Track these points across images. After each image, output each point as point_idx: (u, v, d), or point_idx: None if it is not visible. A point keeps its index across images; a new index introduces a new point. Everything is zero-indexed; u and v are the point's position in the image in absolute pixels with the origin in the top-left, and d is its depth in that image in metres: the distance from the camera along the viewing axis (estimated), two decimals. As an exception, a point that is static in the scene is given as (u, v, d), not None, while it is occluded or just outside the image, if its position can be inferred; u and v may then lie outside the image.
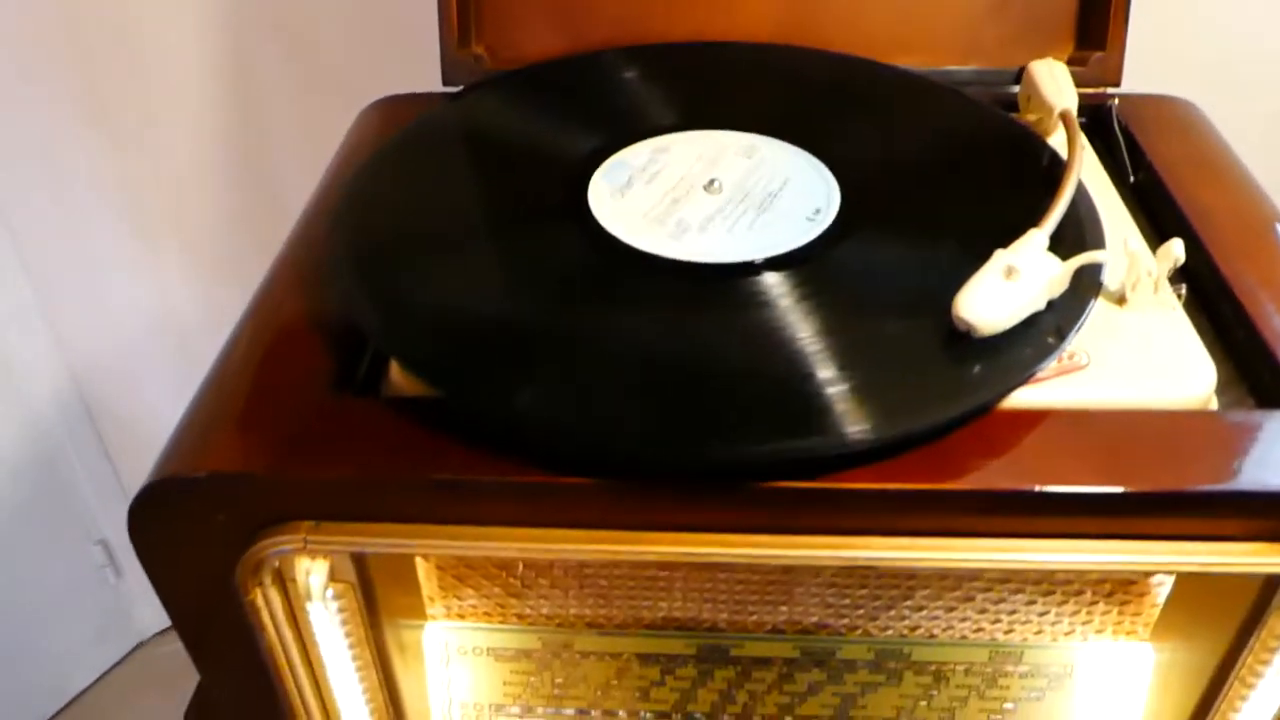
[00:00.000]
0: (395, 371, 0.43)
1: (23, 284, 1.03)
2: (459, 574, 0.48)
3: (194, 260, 1.02)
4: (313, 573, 0.41)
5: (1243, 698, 0.45)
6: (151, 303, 1.05)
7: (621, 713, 0.50)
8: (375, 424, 0.40)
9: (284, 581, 0.41)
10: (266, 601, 0.41)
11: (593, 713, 0.50)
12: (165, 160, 0.96)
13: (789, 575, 0.46)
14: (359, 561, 0.42)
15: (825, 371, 0.40)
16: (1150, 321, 0.45)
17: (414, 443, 0.39)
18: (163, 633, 1.19)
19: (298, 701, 0.45)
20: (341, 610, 0.42)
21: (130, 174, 0.97)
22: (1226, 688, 0.45)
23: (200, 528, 0.40)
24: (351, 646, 0.44)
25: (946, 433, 0.39)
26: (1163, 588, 0.45)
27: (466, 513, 0.39)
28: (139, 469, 0.39)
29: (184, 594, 0.42)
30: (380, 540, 0.39)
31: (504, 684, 0.50)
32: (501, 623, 0.48)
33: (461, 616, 0.49)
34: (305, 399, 0.41)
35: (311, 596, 0.41)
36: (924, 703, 0.49)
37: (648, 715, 0.50)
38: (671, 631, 0.48)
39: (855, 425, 0.38)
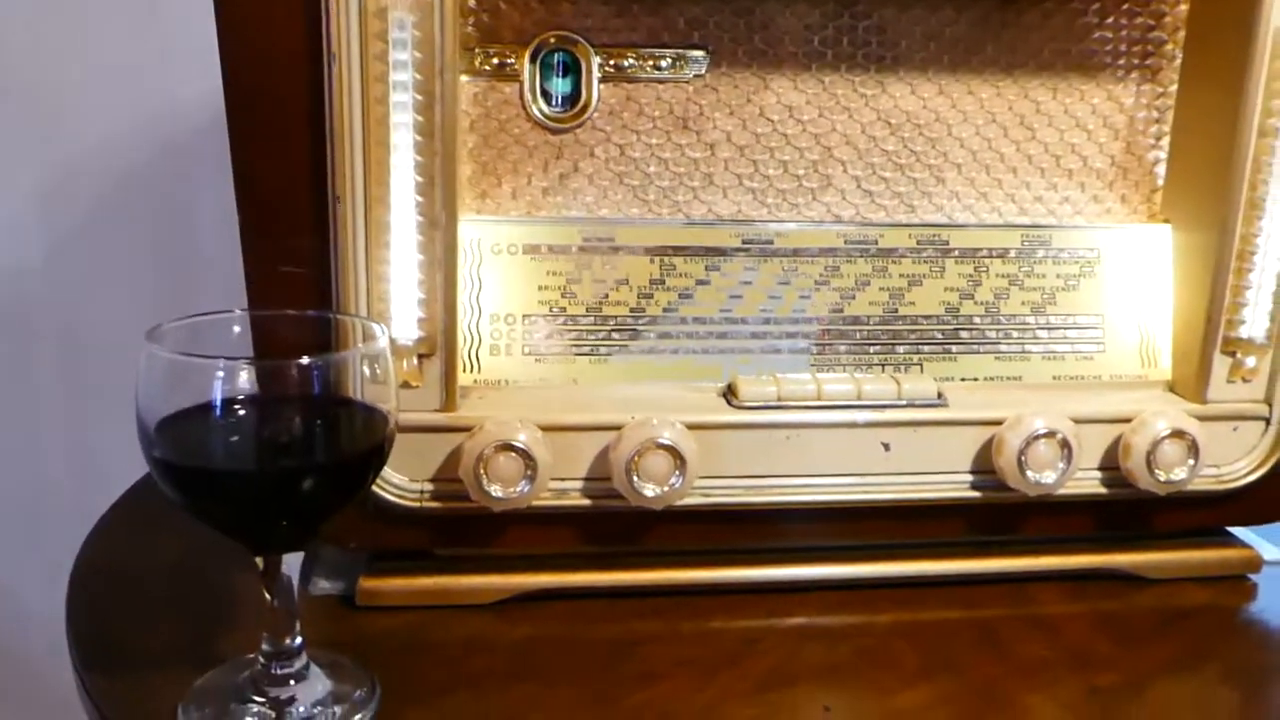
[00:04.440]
0: None
1: None
2: (492, 164, 0.46)
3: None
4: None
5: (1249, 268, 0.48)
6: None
7: (662, 316, 0.47)
8: None
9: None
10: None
11: (630, 320, 0.46)
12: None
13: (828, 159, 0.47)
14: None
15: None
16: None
17: None
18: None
19: (345, 169, 0.40)
20: (417, 49, 0.40)
21: None
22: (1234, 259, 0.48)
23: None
24: (419, 110, 0.41)
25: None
26: (1160, 165, 0.50)
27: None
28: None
29: (251, 34, 0.40)
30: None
31: (538, 288, 0.46)
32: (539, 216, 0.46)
33: (495, 212, 0.46)
34: None
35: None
36: (969, 299, 0.48)
37: (690, 319, 0.47)
38: (717, 222, 0.47)
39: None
